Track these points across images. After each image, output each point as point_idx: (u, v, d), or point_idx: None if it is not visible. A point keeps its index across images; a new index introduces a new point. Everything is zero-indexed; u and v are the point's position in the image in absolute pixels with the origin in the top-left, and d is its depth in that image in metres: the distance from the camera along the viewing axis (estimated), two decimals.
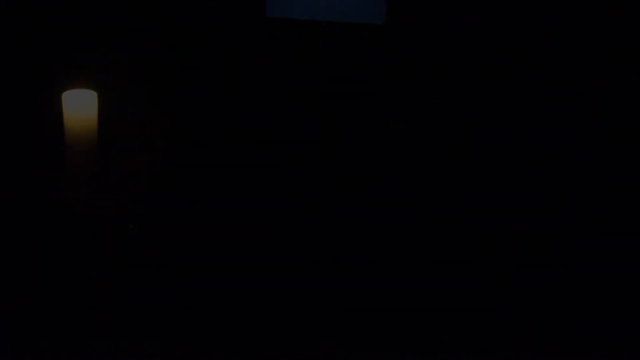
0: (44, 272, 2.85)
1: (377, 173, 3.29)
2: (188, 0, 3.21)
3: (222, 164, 3.31)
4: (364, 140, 3.33)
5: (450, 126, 3.30)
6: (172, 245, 3.01)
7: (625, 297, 2.87)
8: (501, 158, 3.30)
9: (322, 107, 3.31)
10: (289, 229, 3.11)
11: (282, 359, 2.63)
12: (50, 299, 2.75)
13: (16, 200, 3.04)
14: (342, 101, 3.30)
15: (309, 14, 3.23)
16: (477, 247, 3.08)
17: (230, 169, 3.30)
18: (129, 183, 3.21)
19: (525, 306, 2.86)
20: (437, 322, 2.80)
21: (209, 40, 3.25)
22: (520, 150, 3.27)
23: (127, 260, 2.93)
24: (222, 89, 3.31)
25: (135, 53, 3.33)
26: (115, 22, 3.29)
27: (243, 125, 3.30)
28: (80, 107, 2.96)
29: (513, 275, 2.97)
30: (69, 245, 2.89)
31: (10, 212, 3.01)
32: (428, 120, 3.32)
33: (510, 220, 3.16)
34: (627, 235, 3.06)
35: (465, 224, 3.16)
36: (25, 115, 3.24)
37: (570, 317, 2.82)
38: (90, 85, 3.03)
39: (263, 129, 3.30)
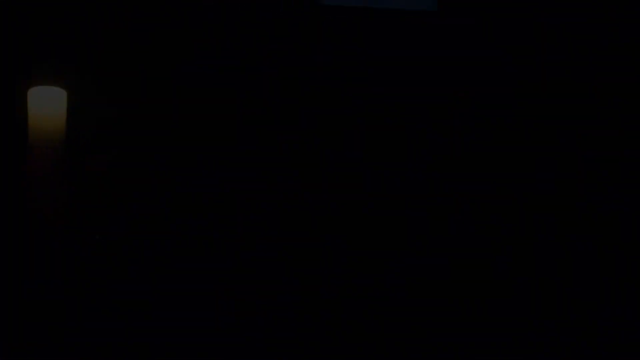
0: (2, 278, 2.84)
1: (430, 159, 3.30)
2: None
3: (209, 165, 3.27)
4: (417, 127, 3.32)
5: (503, 114, 3.32)
6: (144, 249, 3.03)
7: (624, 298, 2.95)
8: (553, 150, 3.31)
9: (368, 97, 3.33)
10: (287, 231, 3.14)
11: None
12: (11, 304, 2.77)
13: None
14: (394, 89, 3.32)
15: (364, 0, 3.32)
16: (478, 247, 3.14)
17: (218, 170, 3.26)
18: (97, 187, 3.15)
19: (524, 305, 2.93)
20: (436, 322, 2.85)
21: (234, 34, 3.28)
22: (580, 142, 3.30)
23: (92, 267, 2.93)
24: (224, 85, 3.29)
25: (112, 48, 3.25)
26: (90, 14, 3.22)
27: (253, 121, 3.30)
28: (47, 105, 2.90)
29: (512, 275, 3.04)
30: (31, 251, 2.84)
31: None
32: (481, 108, 3.32)
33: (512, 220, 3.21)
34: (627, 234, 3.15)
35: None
36: None
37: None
38: (59, 82, 2.97)
39: (297, 123, 3.29)
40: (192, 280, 2.96)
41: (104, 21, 3.23)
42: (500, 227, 3.18)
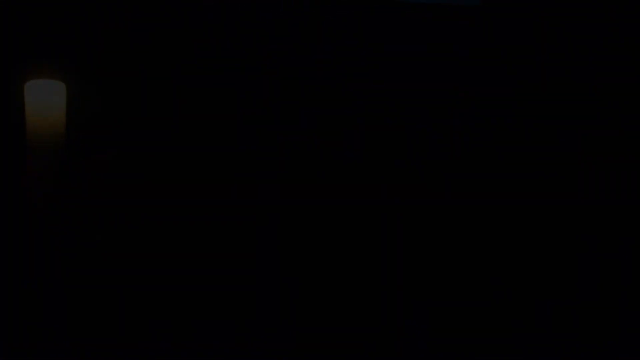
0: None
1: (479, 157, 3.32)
2: None
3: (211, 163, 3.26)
4: (461, 123, 3.33)
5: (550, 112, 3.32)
6: (145, 247, 3.05)
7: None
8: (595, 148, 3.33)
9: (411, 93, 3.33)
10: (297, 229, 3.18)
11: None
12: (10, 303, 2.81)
13: None
14: (435, 86, 3.33)
15: None
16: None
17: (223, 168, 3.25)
18: (99, 185, 3.13)
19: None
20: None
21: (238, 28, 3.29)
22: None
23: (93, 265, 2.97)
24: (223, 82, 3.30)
25: (112, 39, 3.23)
26: (90, 3, 3.20)
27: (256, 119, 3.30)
28: (46, 100, 2.88)
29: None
30: (30, 250, 2.87)
31: None
32: (525, 106, 3.33)
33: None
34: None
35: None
36: None
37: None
38: (58, 75, 2.95)
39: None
40: (193, 280, 2.99)
41: (104, 12, 3.20)
42: (500, 226, 3.20)
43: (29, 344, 2.70)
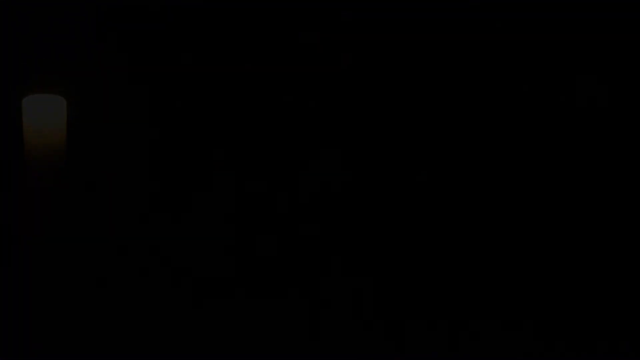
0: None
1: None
2: None
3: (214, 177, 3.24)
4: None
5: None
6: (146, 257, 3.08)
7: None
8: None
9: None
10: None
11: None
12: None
13: None
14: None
15: None
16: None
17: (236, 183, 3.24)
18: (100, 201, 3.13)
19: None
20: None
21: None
22: None
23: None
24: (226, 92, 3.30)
25: (114, 50, 3.21)
26: (90, 14, 3.17)
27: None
28: (45, 115, 2.90)
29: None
30: (31, 271, 2.90)
31: None
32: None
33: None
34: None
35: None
36: None
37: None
38: (57, 89, 2.96)
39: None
40: (193, 282, 3.03)
41: (103, 25, 3.20)
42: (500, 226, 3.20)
43: (29, 344, 2.73)
